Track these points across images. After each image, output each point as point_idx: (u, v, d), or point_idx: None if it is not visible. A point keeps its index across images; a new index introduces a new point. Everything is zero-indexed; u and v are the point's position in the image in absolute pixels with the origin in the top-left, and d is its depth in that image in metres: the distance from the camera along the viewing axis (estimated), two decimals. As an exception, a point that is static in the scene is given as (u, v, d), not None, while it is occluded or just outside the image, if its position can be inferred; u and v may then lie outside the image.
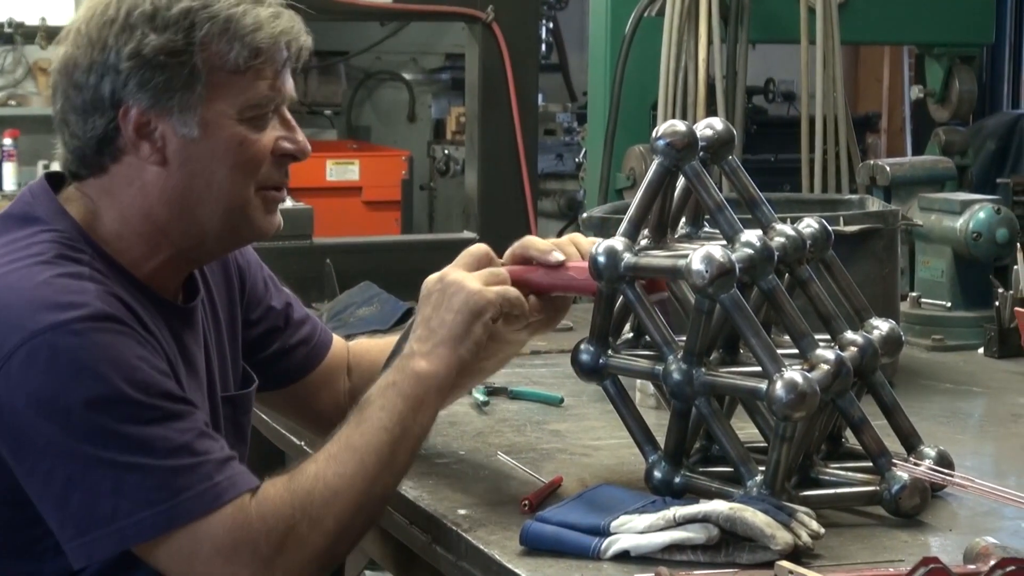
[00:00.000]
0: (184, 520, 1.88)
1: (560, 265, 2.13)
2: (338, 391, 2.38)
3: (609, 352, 2.10)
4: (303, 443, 2.56)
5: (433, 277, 2.11)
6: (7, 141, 8.44)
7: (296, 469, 1.98)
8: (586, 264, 2.09)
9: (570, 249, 2.16)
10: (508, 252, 2.18)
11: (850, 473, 2.09)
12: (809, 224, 2.13)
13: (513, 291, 2.09)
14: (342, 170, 7.34)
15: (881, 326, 2.15)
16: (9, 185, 8.40)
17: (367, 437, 2.00)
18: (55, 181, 2.08)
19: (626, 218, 2.09)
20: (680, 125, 2.07)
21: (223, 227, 2.04)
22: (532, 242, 2.17)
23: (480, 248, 2.14)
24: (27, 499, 1.90)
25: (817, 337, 2.03)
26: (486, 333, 2.07)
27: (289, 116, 2.06)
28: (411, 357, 2.06)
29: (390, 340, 2.36)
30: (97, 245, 2.01)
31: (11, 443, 1.89)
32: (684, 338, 2.01)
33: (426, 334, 2.06)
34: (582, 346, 2.12)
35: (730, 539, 1.85)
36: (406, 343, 2.09)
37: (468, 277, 2.08)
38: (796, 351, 2.02)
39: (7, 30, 8.73)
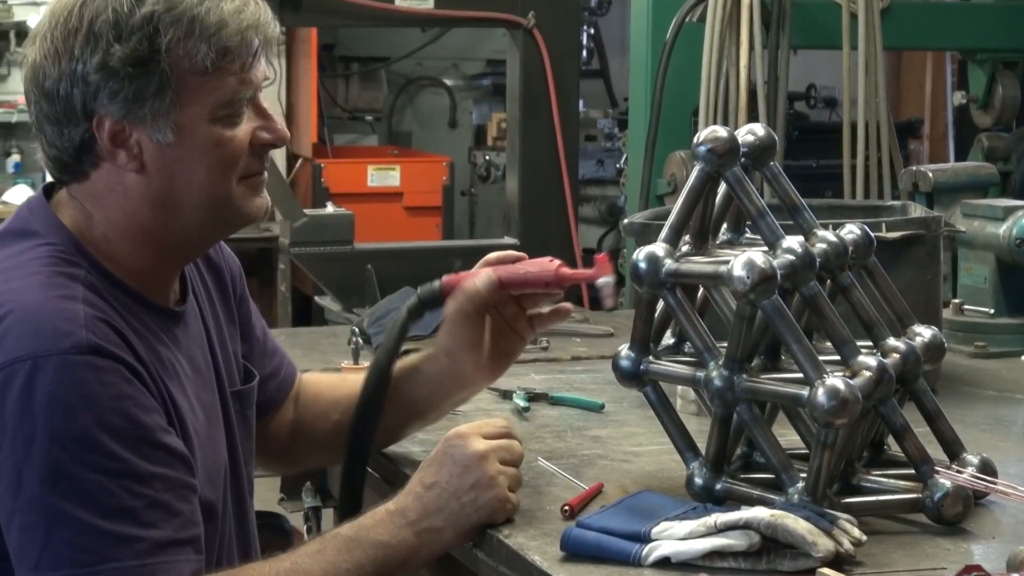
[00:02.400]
0: None
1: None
2: (284, 420, 2.36)
3: (650, 358, 2.10)
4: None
5: (458, 442, 2.06)
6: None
7: (238, 571, 1.95)
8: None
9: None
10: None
11: (892, 480, 2.08)
12: (851, 230, 2.13)
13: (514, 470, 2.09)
14: (383, 176, 7.37)
15: (923, 333, 2.14)
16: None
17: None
18: (50, 191, 2.04)
19: (667, 224, 2.08)
20: (721, 131, 2.07)
21: (208, 221, 2.01)
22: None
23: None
24: None
25: (859, 344, 2.03)
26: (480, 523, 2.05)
27: (264, 104, 2.02)
28: (406, 523, 2.01)
29: (337, 377, 2.48)
30: (91, 255, 1.96)
31: None
32: (725, 344, 2.00)
33: (433, 507, 2.02)
34: (623, 352, 2.11)
35: (771, 546, 1.84)
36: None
37: (497, 475, 2.05)
38: (838, 358, 2.01)
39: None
